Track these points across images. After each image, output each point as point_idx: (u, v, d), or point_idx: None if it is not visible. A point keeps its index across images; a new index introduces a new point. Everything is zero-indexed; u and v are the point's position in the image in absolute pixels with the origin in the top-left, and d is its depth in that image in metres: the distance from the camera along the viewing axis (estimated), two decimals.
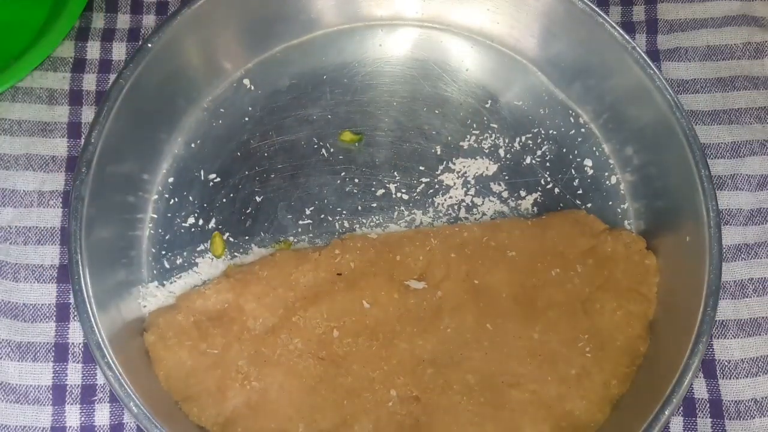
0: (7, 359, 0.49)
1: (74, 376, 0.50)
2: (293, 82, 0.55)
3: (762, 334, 0.51)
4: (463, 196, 0.53)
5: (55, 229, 0.52)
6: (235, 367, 0.48)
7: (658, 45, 0.56)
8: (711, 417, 0.49)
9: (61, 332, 0.50)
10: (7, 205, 0.52)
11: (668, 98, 0.50)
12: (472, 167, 0.54)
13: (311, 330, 0.49)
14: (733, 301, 0.51)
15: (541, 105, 0.55)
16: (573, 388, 0.48)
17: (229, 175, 0.53)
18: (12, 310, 0.50)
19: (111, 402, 0.49)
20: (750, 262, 0.52)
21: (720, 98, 0.55)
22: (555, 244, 0.51)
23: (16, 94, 0.54)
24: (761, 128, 0.55)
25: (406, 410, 0.48)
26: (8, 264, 0.51)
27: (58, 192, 0.53)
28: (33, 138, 0.53)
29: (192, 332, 0.49)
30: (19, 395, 0.49)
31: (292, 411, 0.47)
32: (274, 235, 0.52)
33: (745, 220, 0.53)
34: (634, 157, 0.53)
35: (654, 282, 0.50)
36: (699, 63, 0.56)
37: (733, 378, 0.50)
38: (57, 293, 0.51)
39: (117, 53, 0.56)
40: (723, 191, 0.53)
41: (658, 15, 0.57)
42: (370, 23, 0.56)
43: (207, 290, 0.50)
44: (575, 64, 0.54)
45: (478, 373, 0.48)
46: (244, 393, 0.48)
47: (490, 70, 0.56)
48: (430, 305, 0.49)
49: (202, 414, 0.48)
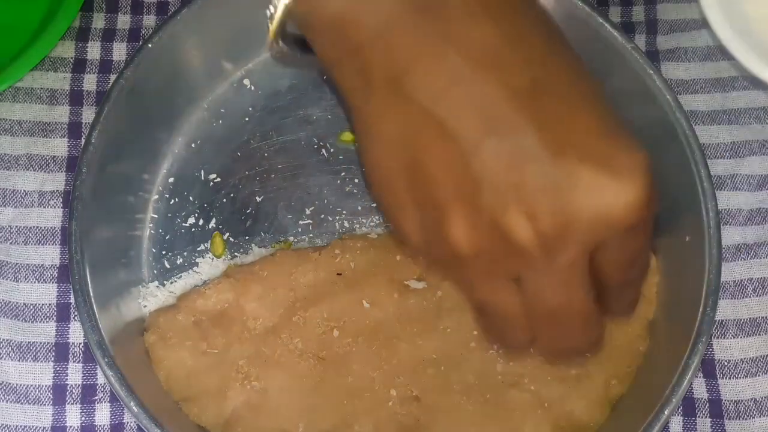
0: (8, 359, 0.50)
1: (75, 375, 0.50)
2: (293, 82, 0.55)
3: (761, 334, 0.51)
4: None
5: (56, 229, 0.52)
6: (235, 367, 0.48)
7: (657, 45, 0.56)
8: (710, 417, 0.49)
9: (62, 332, 0.50)
10: (8, 205, 0.52)
11: (668, 98, 0.50)
12: None
13: (311, 330, 0.49)
14: (733, 301, 0.51)
15: None
16: (573, 388, 0.48)
17: (229, 175, 0.53)
18: (12, 309, 0.50)
19: (111, 402, 0.49)
20: (749, 262, 0.52)
21: (720, 98, 0.55)
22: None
23: (17, 95, 0.54)
24: (761, 128, 0.55)
25: (406, 410, 0.48)
26: (9, 264, 0.51)
27: (58, 192, 0.53)
28: (33, 138, 0.54)
29: (192, 332, 0.49)
30: (19, 395, 0.49)
31: (293, 411, 0.47)
32: (274, 235, 0.52)
33: (745, 220, 0.53)
34: None
35: (654, 282, 0.50)
36: (699, 63, 0.56)
37: (733, 378, 0.50)
38: (57, 293, 0.51)
39: (117, 53, 0.56)
40: (723, 191, 0.53)
41: (658, 15, 0.57)
42: None
43: (207, 290, 0.50)
44: None
45: (478, 373, 0.48)
46: (245, 393, 0.48)
47: None
48: (431, 305, 0.49)
49: (203, 414, 0.48)
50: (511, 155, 0.33)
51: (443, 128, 0.33)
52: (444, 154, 0.34)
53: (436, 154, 0.34)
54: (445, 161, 0.34)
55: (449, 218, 0.34)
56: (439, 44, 0.33)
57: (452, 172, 0.34)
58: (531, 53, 0.34)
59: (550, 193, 0.33)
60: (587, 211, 0.33)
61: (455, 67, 0.33)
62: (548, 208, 0.33)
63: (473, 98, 0.33)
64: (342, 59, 0.36)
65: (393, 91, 0.34)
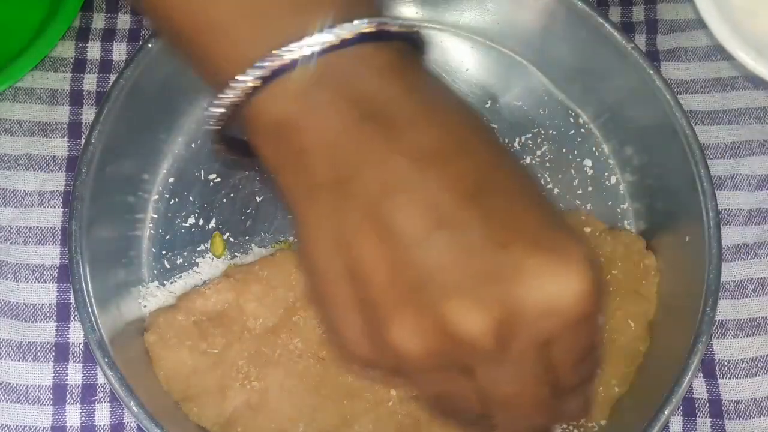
0: (8, 359, 0.50)
1: (74, 375, 0.50)
2: None
3: (761, 334, 0.51)
4: None
5: (56, 229, 0.52)
6: (235, 367, 0.48)
7: (657, 45, 0.56)
8: (710, 417, 0.49)
9: (62, 332, 0.50)
10: (8, 205, 0.52)
11: (668, 98, 0.50)
12: None
13: (311, 330, 0.49)
14: (733, 301, 0.51)
15: (541, 105, 0.55)
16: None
17: (229, 175, 0.53)
18: (12, 309, 0.50)
19: (111, 402, 0.49)
20: (749, 262, 0.52)
21: (719, 98, 0.55)
22: None
23: (17, 95, 0.54)
24: (761, 128, 0.55)
25: (406, 410, 0.48)
26: (9, 264, 0.51)
27: (58, 192, 0.53)
28: (33, 138, 0.54)
29: (192, 332, 0.49)
30: (19, 395, 0.49)
31: (293, 411, 0.48)
32: (274, 235, 0.52)
33: (745, 220, 0.53)
34: (634, 157, 0.53)
35: (654, 282, 0.50)
36: (699, 63, 0.56)
37: (733, 378, 0.50)
38: (57, 293, 0.51)
39: (117, 53, 0.56)
40: (722, 191, 0.53)
41: (658, 15, 0.57)
42: None
43: (207, 290, 0.50)
44: (575, 64, 0.54)
45: None
46: (245, 393, 0.48)
47: (490, 70, 0.56)
48: None
49: (203, 414, 0.48)
50: (456, 249, 0.32)
51: (387, 227, 0.32)
52: (386, 253, 0.33)
53: (377, 255, 0.33)
54: (387, 261, 0.32)
55: (393, 321, 0.33)
56: (385, 149, 0.33)
57: (394, 272, 0.32)
58: (476, 157, 0.34)
59: (497, 284, 0.32)
60: (535, 300, 0.32)
61: (401, 169, 0.33)
62: (496, 299, 0.32)
63: (419, 198, 0.33)
64: (286, 164, 0.35)
65: (336, 195, 0.33)
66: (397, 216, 0.33)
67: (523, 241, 0.33)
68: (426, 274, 0.32)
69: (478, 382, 0.35)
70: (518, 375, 0.34)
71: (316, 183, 0.34)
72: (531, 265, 0.32)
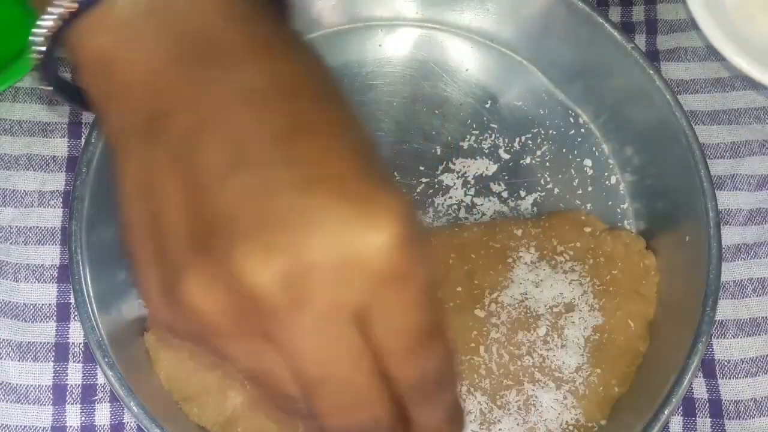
0: (8, 359, 0.49)
1: (75, 375, 0.50)
2: None
3: (761, 334, 0.51)
4: (462, 197, 0.53)
5: (56, 229, 0.52)
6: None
7: (657, 45, 0.56)
8: (710, 417, 0.49)
9: (62, 332, 0.50)
10: (8, 205, 0.52)
11: (668, 98, 0.50)
12: (472, 167, 0.54)
13: None
14: (733, 301, 0.52)
15: (541, 105, 0.55)
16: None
17: None
18: (12, 310, 0.50)
19: (111, 402, 0.49)
20: (749, 262, 0.52)
21: (719, 98, 0.55)
22: (554, 244, 0.51)
23: (17, 95, 0.54)
24: (761, 128, 0.55)
25: None
26: (9, 264, 0.51)
27: (58, 192, 0.53)
28: (33, 138, 0.53)
29: None
30: (19, 395, 0.49)
31: None
32: None
33: (745, 220, 0.53)
34: (634, 157, 0.53)
35: (654, 282, 0.50)
36: (699, 63, 0.56)
37: (733, 378, 0.50)
38: (57, 293, 0.51)
39: None
40: (723, 191, 0.53)
41: (658, 15, 0.57)
42: (370, 23, 0.56)
43: None
44: (575, 64, 0.54)
45: (479, 374, 0.48)
46: (245, 393, 0.48)
47: (490, 70, 0.56)
48: None
49: (203, 414, 0.48)
50: (253, 192, 0.29)
51: (190, 168, 0.29)
52: (185, 199, 0.29)
53: (179, 199, 0.29)
54: (184, 207, 0.29)
55: (183, 274, 0.29)
56: (203, 86, 0.30)
57: (189, 217, 0.29)
58: (300, 100, 0.31)
59: (290, 231, 0.28)
60: (329, 250, 0.28)
61: (216, 109, 0.30)
62: (286, 247, 0.28)
63: (227, 135, 0.30)
64: (110, 99, 0.32)
65: (148, 133, 0.31)
66: (201, 156, 0.29)
67: (328, 187, 0.29)
68: (222, 218, 0.29)
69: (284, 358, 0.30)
70: (325, 348, 0.29)
71: (134, 120, 0.31)
72: (331, 211, 0.28)
